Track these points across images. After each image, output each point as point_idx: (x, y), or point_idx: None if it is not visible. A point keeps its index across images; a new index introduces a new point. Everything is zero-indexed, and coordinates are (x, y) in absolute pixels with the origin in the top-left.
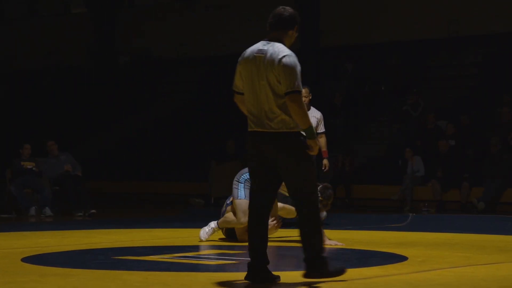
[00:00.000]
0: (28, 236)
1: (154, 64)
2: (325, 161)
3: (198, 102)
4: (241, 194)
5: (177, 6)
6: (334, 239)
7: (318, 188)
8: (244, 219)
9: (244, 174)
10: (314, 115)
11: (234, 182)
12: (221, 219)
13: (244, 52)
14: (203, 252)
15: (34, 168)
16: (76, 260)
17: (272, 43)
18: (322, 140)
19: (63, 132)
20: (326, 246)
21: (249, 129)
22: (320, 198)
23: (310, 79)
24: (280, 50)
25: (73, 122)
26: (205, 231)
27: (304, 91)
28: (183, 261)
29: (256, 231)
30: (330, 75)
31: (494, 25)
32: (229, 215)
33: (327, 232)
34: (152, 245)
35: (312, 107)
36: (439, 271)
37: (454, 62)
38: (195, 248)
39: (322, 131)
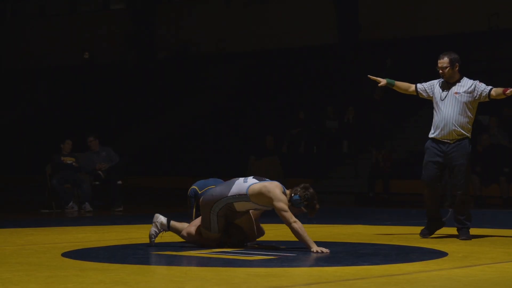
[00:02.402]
0: (68, 231)
1: (193, 59)
2: None
3: (237, 97)
4: (214, 228)
5: (216, 1)
6: (373, 235)
7: (299, 191)
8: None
9: (216, 203)
10: None
11: (210, 212)
12: (176, 225)
13: None
14: (245, 246)
15: (74, 164)
16: (116, 255)
17: None
18: None
19: (103, 127)
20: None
21: None
22: (304, 202)
23: (349, 73)
24: None
25: (113, 117)
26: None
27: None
28: (222, 256)
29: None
30: (369, 70)
31: None
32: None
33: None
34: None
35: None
36: (480, 267)
37: (495, 56)
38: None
39: None
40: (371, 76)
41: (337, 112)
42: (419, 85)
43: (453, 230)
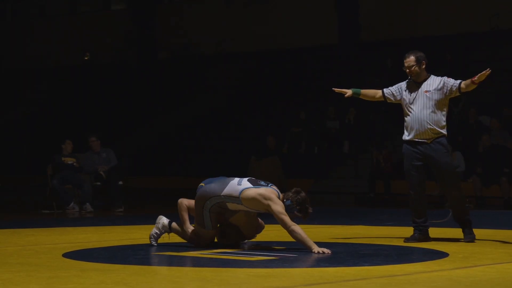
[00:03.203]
0: (69, 231)
1: (193, 60)
2: None
3: (238, 98)
4: (208, 224)
5: (216, 2)
6: (374, 235)
7: (290, 196)
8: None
9: (208, 201)
10: None
11: (203, 208)
12: (177, 227)
13: None
14: (242, 247)
15: (74, 164)
16: (117, 255)
17: None
18: None
19: (103, 128)
20: None
21: None
22: (297, 206)
23: (350, 74)
24: None
25: (113, 118)
26: (154, 235)
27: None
28: (222, 256)
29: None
30: (370, 70)
31: None
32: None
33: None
34: None
35: None
36: (481, 268)
37: (495, 56)
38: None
39: None
40: (335, 89)
41: (338, 113)
42: (385, 90)
43: (453, 231)
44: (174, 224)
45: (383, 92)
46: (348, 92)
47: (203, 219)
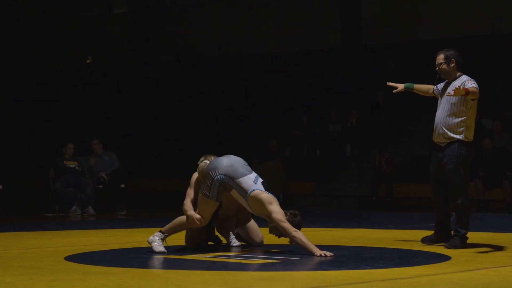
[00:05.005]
0: (72, 234)
1: (196, 63)
2: None
3: (240, 101)
4: (213, 194)
5: (219, 6)
6: (376, 238)
7: (287, 215)
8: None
9: (223, 175)
10: None
11: (213, 180)
12: (169, 225)
13: None
14: (244, 251)
15: (77, 167)
16: (119, 258)
17: None
18: None
19: (105, 131)
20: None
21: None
22: None
23: (352, 77)
24: None
25: (116, 121)
26: (155, 245)
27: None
28: (224, 260)
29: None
30: (372, 73)
31: None
32: (177, 220)
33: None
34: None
35: None
36: (483, 271)
37: (498, 59)
38: (237, 246)
39: None
40: (389, 83)
41: (341, 116)
42: (436, 86)
43: None
44: (166, 227)
45: (434, 89)
46: (400, 86)
47: (210, 188)
